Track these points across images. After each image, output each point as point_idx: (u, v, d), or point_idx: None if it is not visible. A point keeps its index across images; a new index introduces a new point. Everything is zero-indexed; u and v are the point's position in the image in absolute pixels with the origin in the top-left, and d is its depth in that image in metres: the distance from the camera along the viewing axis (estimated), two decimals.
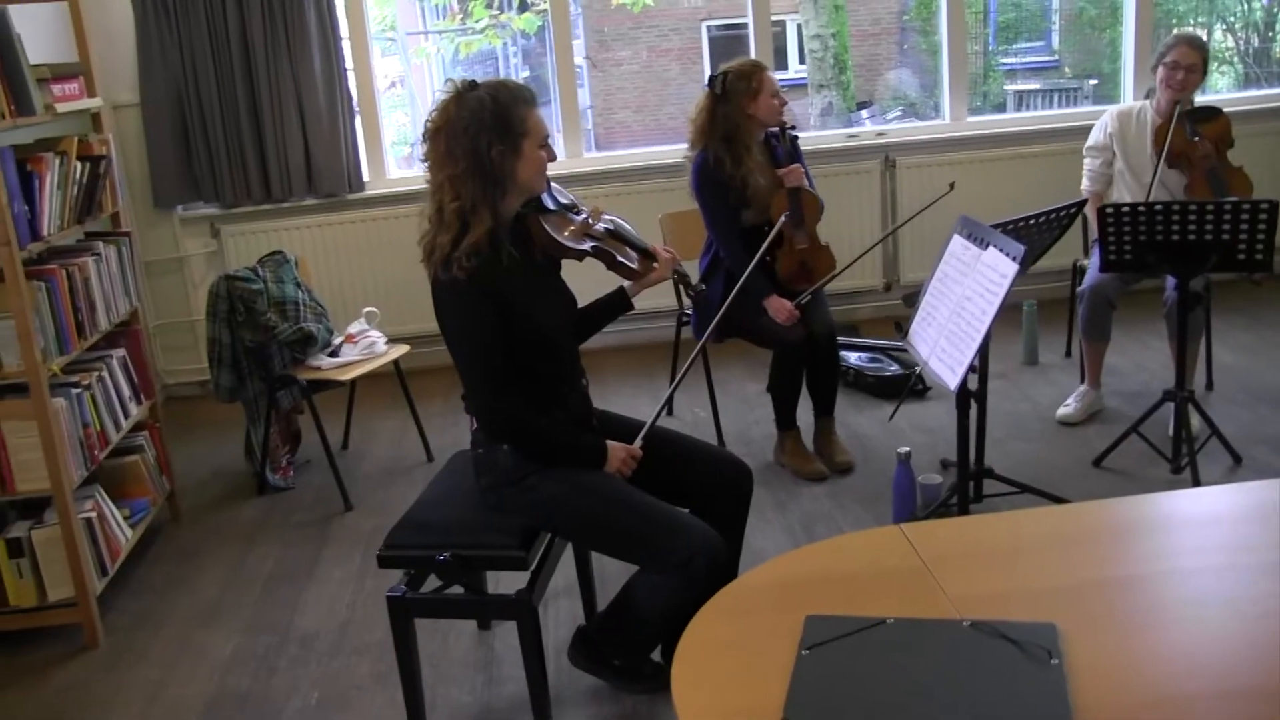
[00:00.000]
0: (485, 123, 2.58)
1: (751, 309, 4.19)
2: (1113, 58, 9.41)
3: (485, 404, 2.68)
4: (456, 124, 2.59)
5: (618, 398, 5.12)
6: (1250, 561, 1.91)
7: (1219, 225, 3.64)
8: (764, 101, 4.14)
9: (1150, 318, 4.87)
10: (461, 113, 2.60)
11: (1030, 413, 4.70)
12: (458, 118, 2.60)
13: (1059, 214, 3.63)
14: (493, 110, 2.59)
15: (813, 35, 11.62)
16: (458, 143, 2.59)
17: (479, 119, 2.58)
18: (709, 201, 4.23)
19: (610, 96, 15.77)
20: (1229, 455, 4.10)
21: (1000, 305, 2.70)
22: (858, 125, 11.76)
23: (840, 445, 4.36)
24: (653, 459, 2.89)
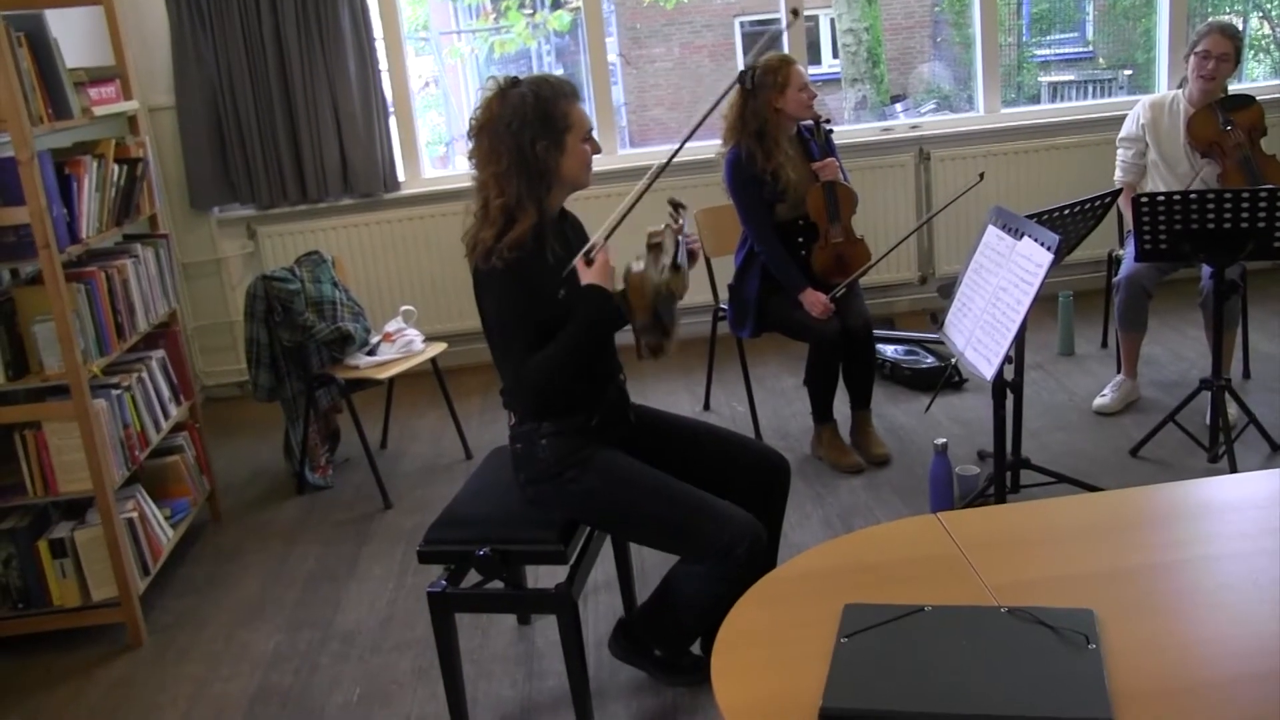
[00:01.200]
0: (528, 118, 2.60)
1: (787, 303, 4.20)
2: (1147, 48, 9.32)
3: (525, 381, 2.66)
4: (499, 121, 2.62)
5: (655, 394, 5.15)
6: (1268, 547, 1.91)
7: (1254, 213, 3.62)
8: (792, 96, 4.15)
9: (1187, 307, 4.84)
10: (504, 109, 2.62)
11: (1067, 403, 4.69)
12: (500, 114, 2.62)
13: (1093, 204, 3.62)
14: (535, 105, 2.61)
15: (845, 29, 11.57)
16: (501, 140, 2.61)
17: (522, 115, 2.61)
18: (743, 197, 4.24)
19: (644, 93, 15.77)
20: (1266, 443, 4.09)
21: (1036, 295, 2.70)
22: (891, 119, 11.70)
23: (877, 438, 4.37)
24: (692, 451, 2.91)
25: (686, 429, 2.98)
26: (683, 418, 3.06)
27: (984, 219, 3.17)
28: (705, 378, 5.03)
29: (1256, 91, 5.03)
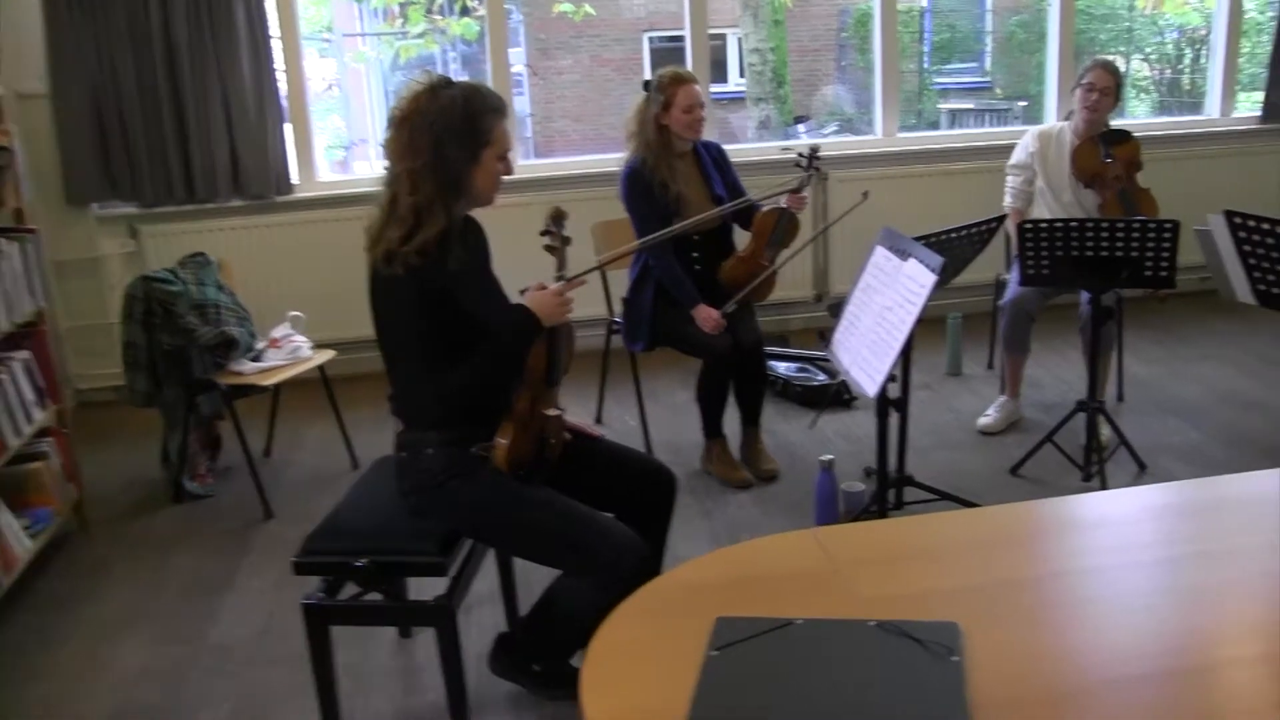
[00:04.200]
0: (453, 123, 2.57)
1: (680, 318, 4.21)
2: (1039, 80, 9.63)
3: (424, 388, 2.65)
4: (424, 117, 2.58)
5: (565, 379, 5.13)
6: (1143, 559, 1.97)
7: (1128, 242, 3.74)
8: (676, 115, 4.16)
9: (1068, 330, 4.97)
10: (431, 106, 2.58)
11: (953, 422, 4.78)
12: (426, 111, 2.58)
13: (979, 228, 3.70)
14: (463, 111, 2.58)
15: (752, 49, 11.72)
16: (422, 136, 2.57)
17: (448, 118, 2.57)
18: (638, 208, 4.25)
19: (550, 104, 15.72)
20: (1135, 463, 4.22)
21: (919, 314, 2.74)
22: (794, 139, 11.87)
23: (766, 454, 4.40)
24: (577, 464, 2.90)
25: (574, 446, 2.96)
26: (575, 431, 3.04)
27: (862, 260, 3.22)
28: (598, 391, 5.02)
29: (1136, 128, 5.20)
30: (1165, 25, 11.37)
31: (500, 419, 2.72)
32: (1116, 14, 11.26)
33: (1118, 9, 11.17)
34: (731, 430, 4.43)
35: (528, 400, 2.74)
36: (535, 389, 2.75)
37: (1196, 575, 1.91)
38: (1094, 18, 10.88)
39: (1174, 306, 5.13)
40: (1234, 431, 4.58)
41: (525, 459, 2.75)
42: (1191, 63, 11.37)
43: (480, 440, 2.72)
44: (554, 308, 2.72)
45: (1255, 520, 2.10)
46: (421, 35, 12.15)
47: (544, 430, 2.81)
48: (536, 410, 2.77)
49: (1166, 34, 11.51)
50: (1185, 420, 4.69)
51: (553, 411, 2.83)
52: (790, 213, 4.24)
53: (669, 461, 4.49)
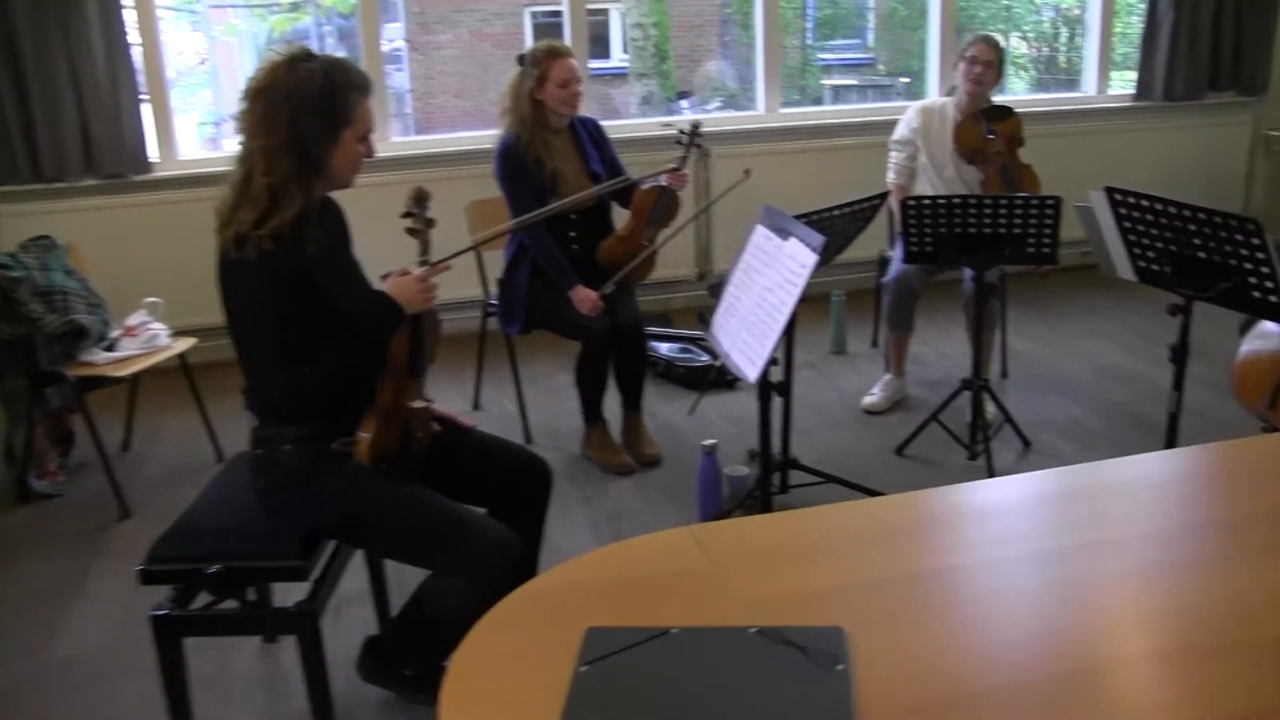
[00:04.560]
0: (312, 99, 2.40)
1: (557, 299, 4.08)
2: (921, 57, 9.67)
3: (280, 380, 2.48)
4: (281, 91, 2.39)
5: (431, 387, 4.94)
6: (1029, 551, 1.90)
7: (1010, 219, 3.71)
8: (551, 90, 4.02)
9: (952, 307, 4.96)
10: (289, 80, 2.40)
11: (837, 402, 4.73)
12: (284, 84, 2.39)
13: (861, 206, 3.63)
14: (322, 87, 2.41)
15: (634, 24, 11.59)
16: (278, 112, 2.39)
17: (306, 93, 2.39)
18: (512, 187, 4.10)
19: (430, 80, 15.40)
20: (1020, 440, 4.22)
21: (800, 296, 2.65)
22: (677, 114, 11.77)
23: (648, 438, 4.29)
24: (447, 457, 2.76)
25: (443, 438, 2.81)
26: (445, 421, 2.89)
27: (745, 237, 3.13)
28: (475, 375, 4.86)
29: (1016, 104, 5.19)
30: (1042, 4, 11.53)
31: (362, 412, 2.56)
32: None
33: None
34: (612, 414, 4.31)
35: (391, 391, 2.58)
36: (399, 379, 2.60)
37: (1083, 568, 1.85)
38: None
39: (1054, 282, 5.15)
40: (1111, 405, 4.62)
41: (390, 453, 2.59)
42: (1067, 41, 11.55)
43: (341, 435, 2.55)
44: (417, 294, 2.56)
45: (1139, 507, 2.06)
46: (295, 8, 11.81)
47: (409, 423, 2.66)
48: (401, 402, 2.61)
49: (1044, 12, 11.68)
50: (1066, 395, 4.72)
51: (418, 403, 2.68)
52: (671, 190, 4.13)
53: (548, 447, 4.44)
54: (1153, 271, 3.27)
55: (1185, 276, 3.14)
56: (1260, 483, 2.10)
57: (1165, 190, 6.26)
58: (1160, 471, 2.24)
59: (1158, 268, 3.24)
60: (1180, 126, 6.39)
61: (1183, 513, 2.02)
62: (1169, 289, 3.21)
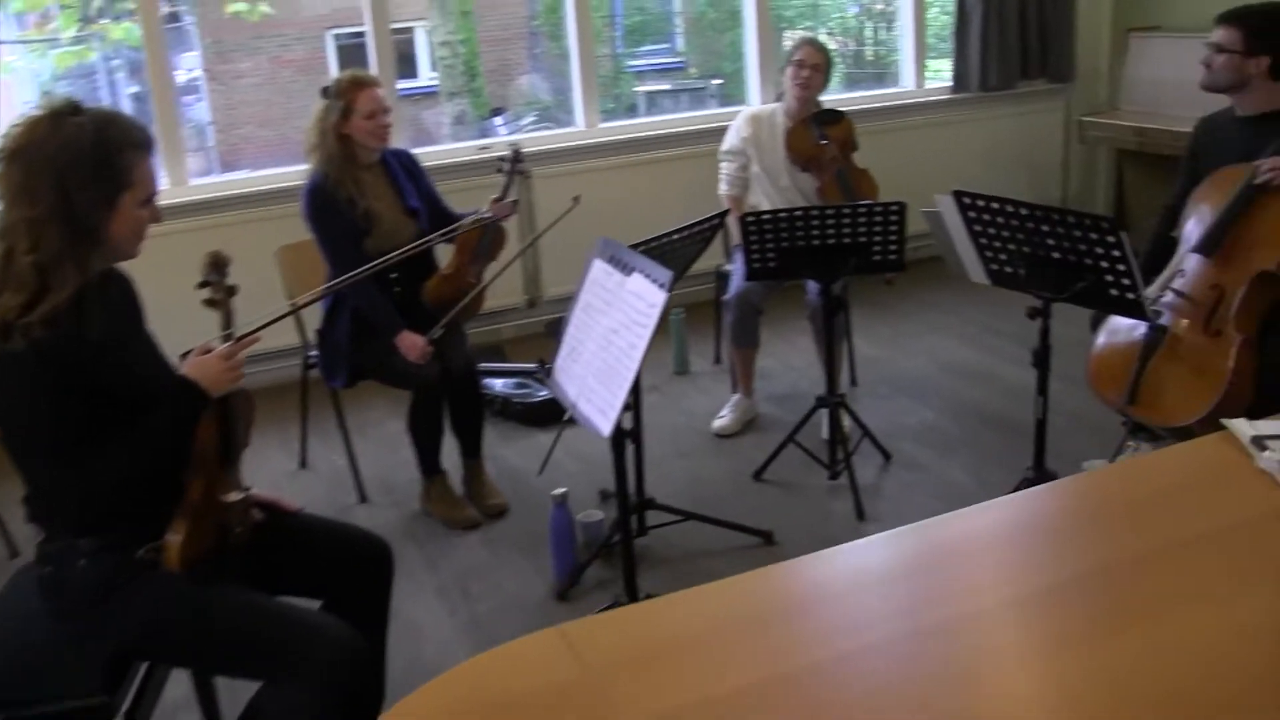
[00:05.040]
0: (82, 160, 2.05)
1: (381, 348, 3.76)
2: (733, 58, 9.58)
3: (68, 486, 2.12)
4: (43, 152, 2.04)
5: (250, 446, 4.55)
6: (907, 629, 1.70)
7: (855, 228, 3.57)
8: (358, 124, 3.71)
9: (795, 316, 4.81)
10: (53, 138, 2.04)
11: (686, 426, 4.52)
12: (46, 143, 2.04)
13: (700, 227, 3.43)
14: (94, 146, 2.06)
15: (441, 42, 11.22)
16: (41, 177, 2.03)
17: (75, 152, 2.04)
18: (324, 230, 3.77)
19: (232, 111, 14.71)
20: (880, 453, 4.09)
21: (650, 337, 2.41)
22: (492, 133, 11.46)
23: (492, 486, 4.00)
24: (272, 548, 2.44)
25: (268, 525, 2.48)
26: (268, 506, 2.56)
27: (592, 233, 2.89)
28: (299, 430, 4.48)
29: (837, 104, 5.10)
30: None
31: (169, 512, 2.22)
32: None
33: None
34: (452, 463, 4.01)
35: (202, 486, 2.24)
36: (209, 472, 2.26)
37: (961, 646, 1.66)
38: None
39: (896, 281, 5.05)
40: (963, 405, 4.55)
41: (205, 556, 2.25)
42: (873, 35, 11.69)
43: (146, 541, 2.20)
44: (221, 374, 2.23)
45: (1010, 565, 1.90)
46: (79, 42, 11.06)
47: (225, 519, 2.32)
48: (213, 497, 2.28)
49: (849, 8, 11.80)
50: (916, 398, 4.62)
51: (234, 495, 2.35)
52: (495, 222, 3.86)
53: (384, 505, 4.10)
54: (1006, 274, 3.15)
55: (1040, 278, 3.03)
56: (1120, 523, 1.95)
57: (990, 179, 6.40)
58: (1028, 516, 2.07)
59: (1011, 270, 3.13)
60: (998, 116, 6.42)
61: (1058, 566, 1.85)
62: (1024, 291, 3.10)
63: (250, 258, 4.45)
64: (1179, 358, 3.26)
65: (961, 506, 3.67)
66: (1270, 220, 3.24)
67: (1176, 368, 3.25)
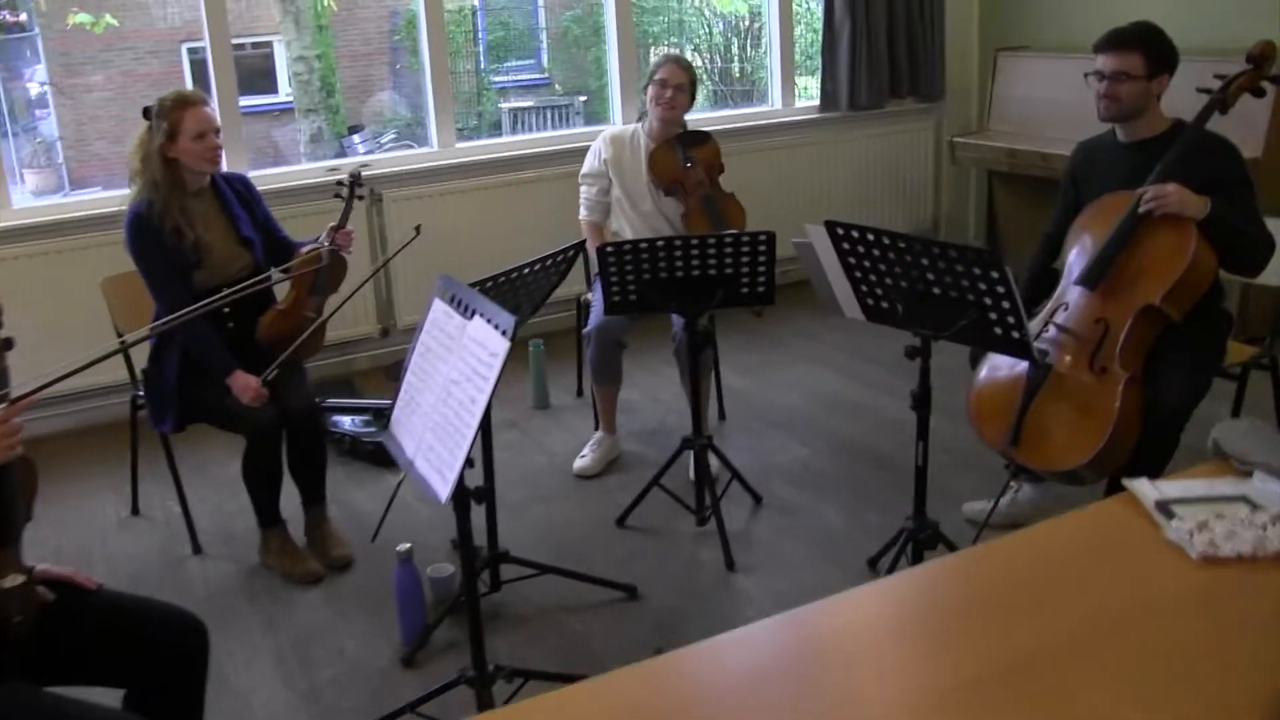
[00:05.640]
0: None
1: (212, 388, 3.43)
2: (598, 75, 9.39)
3: None
4: None
5: (69, 499, 4.17)
6: None
7: (721, 259, 3.36)
8: (185, 145, 3.38)
9: (660, 345, 4.59)
10: None
11: (547, 466, 4.26)
12: None
13: (555, 259, 3.19)
14: None
15: (296, 57, 10.77)
16: None
17: None
18: (149, 261, 3.44)
19: (83, 126, 14.00)
20: (751, 496, 3.90)
21: (493, 390, 2.15)
22: (350, 151, 11.06)
23: (336, 536, 3.69)
24: (65, 631, 2.13)
25: (61, 605, 2.16)
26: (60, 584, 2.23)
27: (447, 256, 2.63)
28: (129, 476, 4.08)
29: (702, 123, 4.92)
30: (713, 17, 11.54)
31: None
32: (667, 6, 11.29)
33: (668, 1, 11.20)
34: (293, 510, 3.69)
35: None
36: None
37: None
38: (645, 10, 10.83)
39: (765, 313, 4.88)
40: (836, 439, 4.38)
41: None
42: (740, 52, 11.61)
43: None
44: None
45: (883, 669, 1.69)
46: None
47: (3, 607, 2.00)
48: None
49: (714, 25, 11.70)
50: (789, 434, 4.44)
51: (11, 581, 2.02)
52: (334, 252, 3.56)
53: (222, 554, 3.75)
54: (882, 309, 2.97)
55: (919, 315, 2.85)
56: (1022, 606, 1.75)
57: (860, 200, 6.30)
58: (919, 599, 1.86)
59: (887, 305, 2.95)
60: (867, 135, 6.31)
61: (956, 663, 1.65)
62: (902, 328, 2.92)
63: (79, 288, 4.09)
64: (1063, 396, 3.12)
65: (836, 553, 3.52)
66: (1154, 251, 3.12)
67: (1061, 407, 3.11)
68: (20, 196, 5.78)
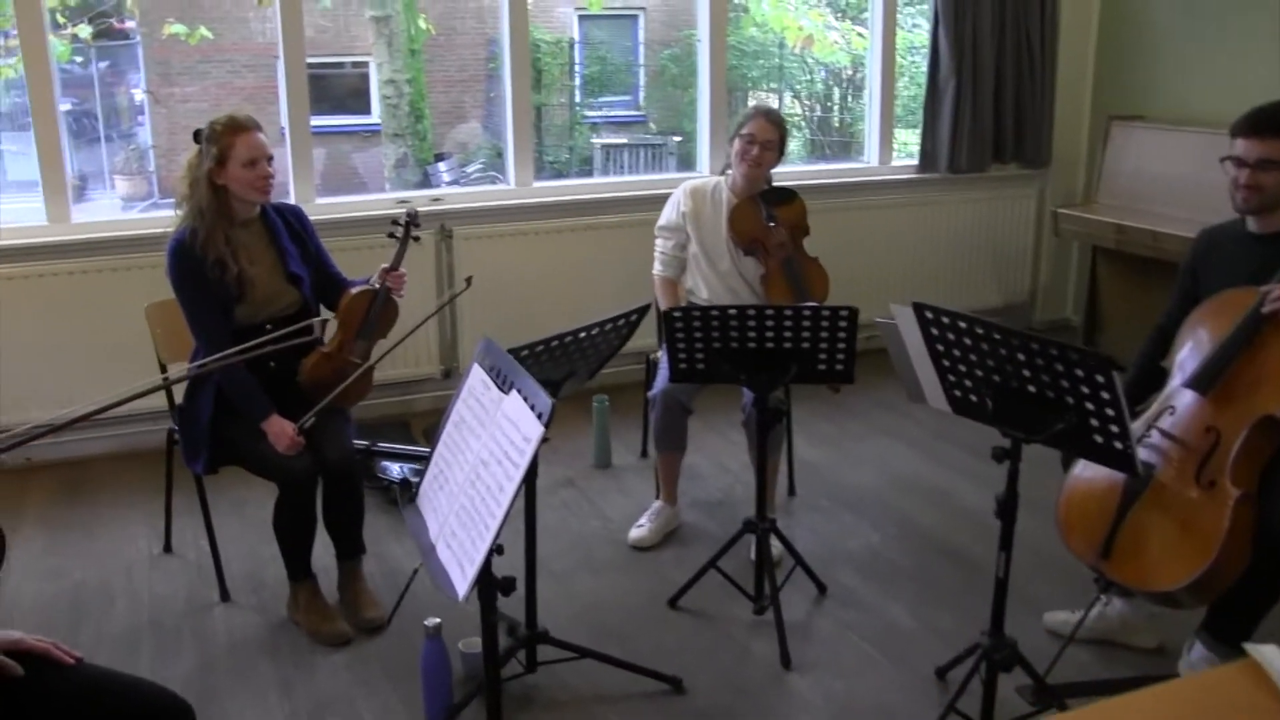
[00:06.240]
0: None
1: (247, 431, 3.25)
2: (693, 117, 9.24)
3: None
4: None
5: (104, 533, 4.03)
6: None
7: (798, 333, 3.09)
8: (235, 173, 3.20)
9: (730, 409, 4.32)
10: None
11: (600, 534, 4.00)
12: None
13: (617, 323, 2.95)
14: None
15: (386, 80, 10.74)
16: None
17: None
18: (189, 292, 3.27)
19: (174, 136, 14.16)
20: (815, 585, 3.60)
21: (522, 480, 1.90)
22: (434, 177, 10.98)
23: (369, 596, 3.47)
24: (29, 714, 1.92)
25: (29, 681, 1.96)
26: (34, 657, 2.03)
27: (514, 315, 2.40)
28: (164, 513, 3.91)
29: (793, 176, 4.65)
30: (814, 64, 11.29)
31: None
32: (767, 51, 11.07)
33: (768, 46, 10.98)
34: (328, 560, 3.49)
35: None
36: None
37: None
38: (745, 54, 10.63)
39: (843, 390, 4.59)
40: (911, 529, 4.05)
41: None
42: (840, 101, 11.35)
43: None
44: None
45: None
46: None
47: None
48: None
49: (815, 72, 11.45)
50: (860, 516, 4.13)
51: None
52: (385, 294, 3.37)
53: (247, 606, 3.52)
54: (970, 403, 2.68)
55: (1011, 413, 2.56)
56: None
57: (953, 268, 5.96)
58: None
59: (975, 399, 2.66)
60: (966, 200, 5.99)
61: None
62: (990, 425, 2.63)
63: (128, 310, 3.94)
64: (1164, 510, 2.79)
65: (902, 657, 3.21)
66: (1278, 357, 2.80)
67: (1161, 521, 2.78)
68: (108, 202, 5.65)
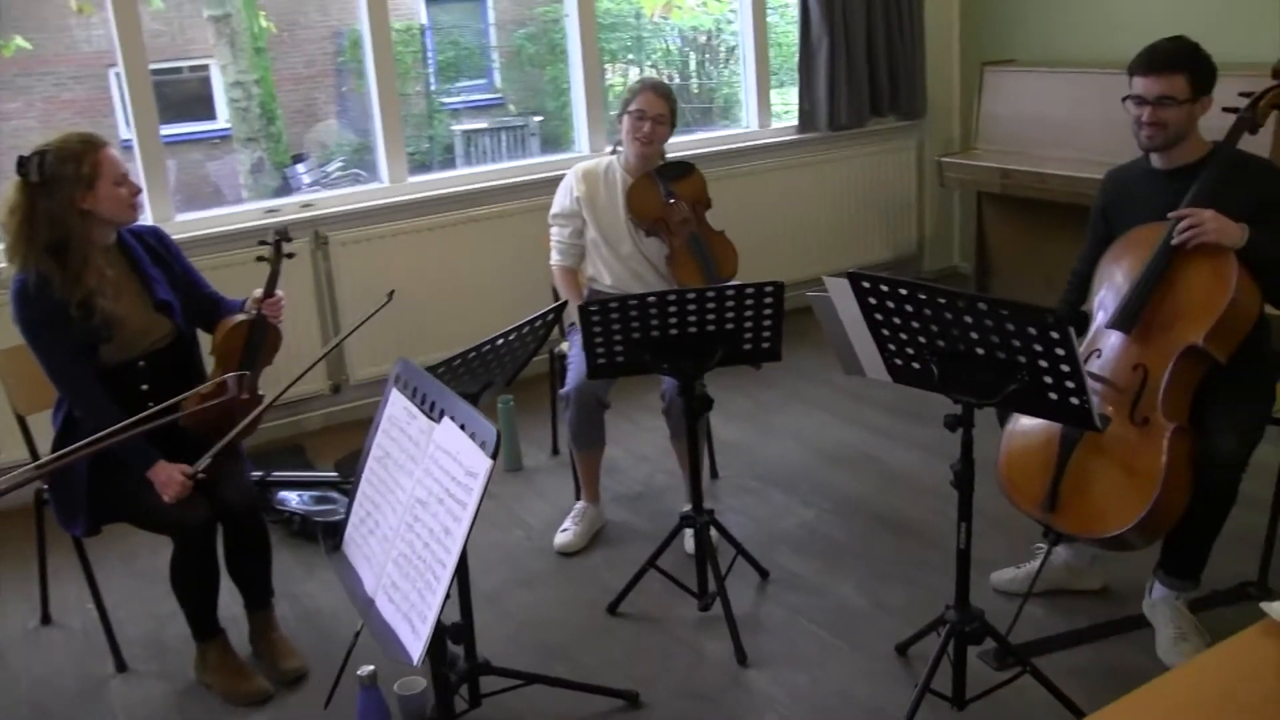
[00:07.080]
0: None
1: (131, 483, 2.93)
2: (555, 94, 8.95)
3: None
4: None
5: None
6: None
7: (721, 314, 2.92)
8: (105, 192, 2.85)
9: (644, 394, 4.15)
10: None
11: (524, 544, 3.78)
12: None
13: (534, 325, 2.74)
14: None
15: (233, 82, 10.21)
16: None
17: None
18: (42, 340, 2.90)
19: (1, 156, 13.36)
20: (757, 572, 3.45)
21: (472, 521, 1.69)
22: (294, 180, 10.49)
23: (286, 644, 3.19)
24: None
25: None
26: None
27: (405, 326, 2.17)
28: (38, 579, 3.52)
29: (676, 147, 4.43)
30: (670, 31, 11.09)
31: None
32: (625, 22, 10.84)
33: (626, 17, 10.75)
34: (236, 611, 3.20)
35: None
36: None
37: None
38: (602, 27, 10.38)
39: None
40: (842, 499, 3.93)
41: None
42: (698, 68, 11.17)
43: None
44: None
45: None
46: None
47: None
48: None
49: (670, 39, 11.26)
50: (790, 493, 3.99)
51: None
52: (263, 321, 3.08)
53: (149, 674, 3.17)
54: (913, 370, 2.55)
55: (957, 377, 2.43)
56: None
57: (843, 224, 5.87)
58: None
59: (919, 366, 2.52)
60: (848, 156, 5.90)
61: None
62: (938, 392, 2.50)
63: None
64: (1102, 453, 2.75)
65: (860, 639, 3.07)
66: (1193, 286, 2.78)
67: (1100, 465, 2.75)
68: None
